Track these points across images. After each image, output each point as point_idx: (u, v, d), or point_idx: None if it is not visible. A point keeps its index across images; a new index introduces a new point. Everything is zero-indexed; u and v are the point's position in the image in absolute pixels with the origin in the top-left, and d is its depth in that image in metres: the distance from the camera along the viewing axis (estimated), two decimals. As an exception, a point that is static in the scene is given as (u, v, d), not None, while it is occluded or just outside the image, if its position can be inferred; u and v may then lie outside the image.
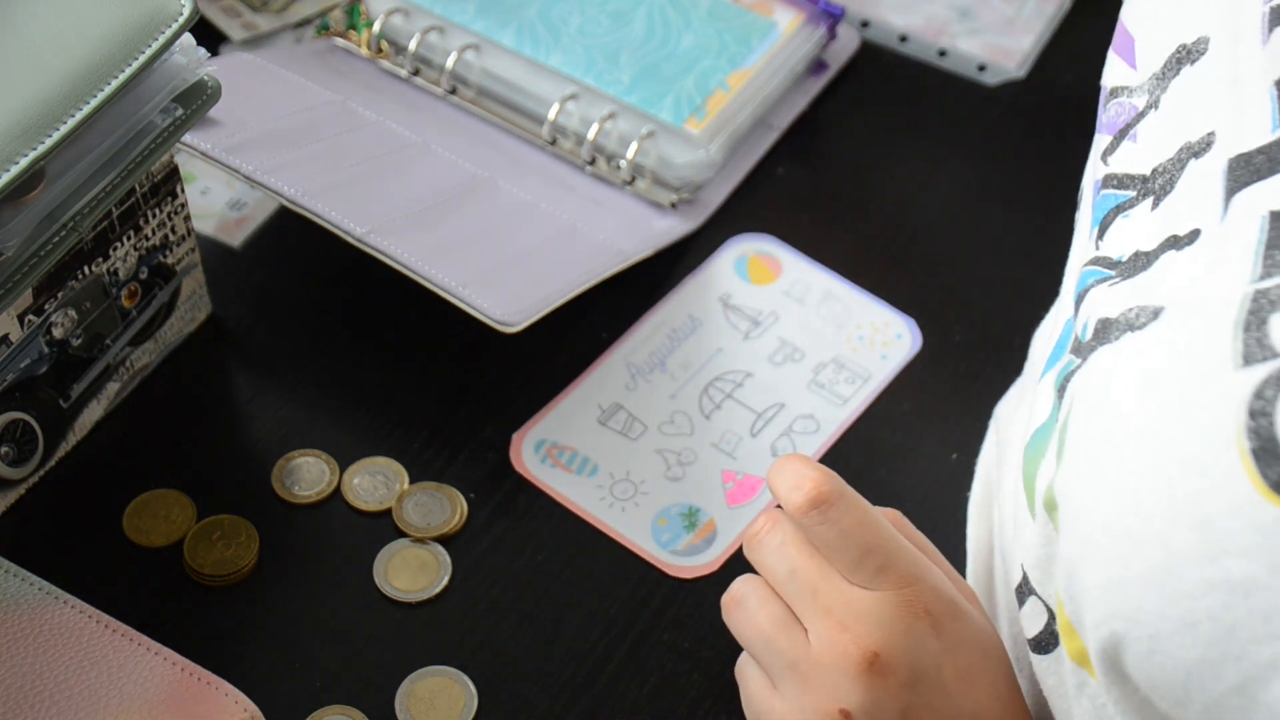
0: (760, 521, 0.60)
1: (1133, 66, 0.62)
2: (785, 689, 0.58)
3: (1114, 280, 0.56)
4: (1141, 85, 0.61)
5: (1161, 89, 0.60)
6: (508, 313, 0.68)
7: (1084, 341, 0.56)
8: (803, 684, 0.57)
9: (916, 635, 0.57)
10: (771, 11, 0.85)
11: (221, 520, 0.68)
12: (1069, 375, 0.56)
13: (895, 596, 0.57)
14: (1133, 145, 0.60)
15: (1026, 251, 0.80)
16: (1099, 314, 0.55)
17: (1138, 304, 0.53)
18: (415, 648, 0.65)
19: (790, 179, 0.83)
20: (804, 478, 0.59)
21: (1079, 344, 0.56)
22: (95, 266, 0.67)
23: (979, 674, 0.58)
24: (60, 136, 0.58)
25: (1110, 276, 0.57)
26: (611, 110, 0.80)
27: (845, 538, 0.58)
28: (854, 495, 0.59)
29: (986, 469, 0.71)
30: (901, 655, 0.56)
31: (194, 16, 0.62)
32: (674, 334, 0.76)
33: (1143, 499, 0.49)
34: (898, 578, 0.58)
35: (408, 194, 0.74)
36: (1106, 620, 0.51)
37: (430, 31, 0.83)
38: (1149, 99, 0.60)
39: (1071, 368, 0.56)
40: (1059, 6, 0.90)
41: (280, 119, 0.75)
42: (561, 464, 0.71)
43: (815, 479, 0.59)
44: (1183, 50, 0.59)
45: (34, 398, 0.67)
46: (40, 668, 0.58)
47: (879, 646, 0.56)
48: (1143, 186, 0.58)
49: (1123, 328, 0.53)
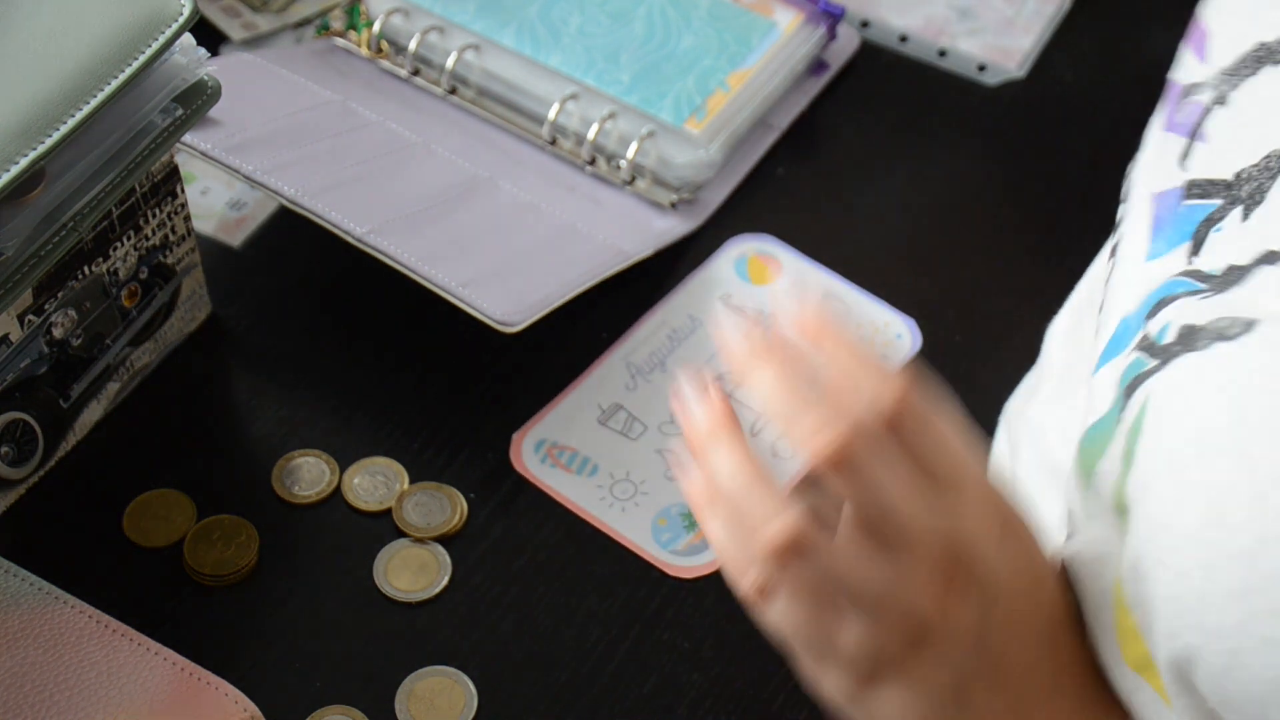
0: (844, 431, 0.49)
1: (1202, 60, 0.61)
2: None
3: (1205, 293, 0.55)
4: (1208, 80, 0.59)
5: (1232, 85, 0.58)
6: (508, 313, 0.68)
7: (1161, 344, 0.54)
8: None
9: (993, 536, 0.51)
10: (771, 11, 0.84)
11: (221, 520, 0.68)
12: (1140, 376, 0.54)
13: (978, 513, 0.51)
14: (1204, 146, 0.59)
15: (1026, 251, 0.80)
16: (1185, 320, 0.54)
17: (1228, 315, 0.52)
18: (415, 648, 0.65)
19: (790, 179, 0.83)
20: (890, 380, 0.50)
21: (1154, 345, 0.54)
22: (95, 266, 0.67)
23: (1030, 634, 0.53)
24: (60, 136, 0.58)
25: (1202, 289, 0.56)
26: (611, 110, 0.80)
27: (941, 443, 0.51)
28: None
29: (997, 465, 0.70)
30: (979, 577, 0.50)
31: (194, 16, 0.62)
32: (674, 334, 0.76)
33: (1231, 513, 0.49)
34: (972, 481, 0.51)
35: (408, 194, 0.74)
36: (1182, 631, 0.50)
37: (430, 31, 0.83)
38: (1215, 94, 0.59)
39: (1144, 368, 0.54)
40: (1059, 6, 0.90)
41: (280, 119, 0.75)
42: (562, 464, 0.71)
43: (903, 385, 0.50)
44: (1264, 49, 0.58)
45: (34, 398, 0.67)
46: (40, 668, 0.58)
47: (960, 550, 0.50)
48: (1227, 193, 0.57)
49: (1212, 336, 0.52)
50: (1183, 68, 0.62)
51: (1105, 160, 0.71)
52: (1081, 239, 0.72)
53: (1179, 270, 0.57)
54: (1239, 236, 0.55)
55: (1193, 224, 0.58)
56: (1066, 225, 0.76)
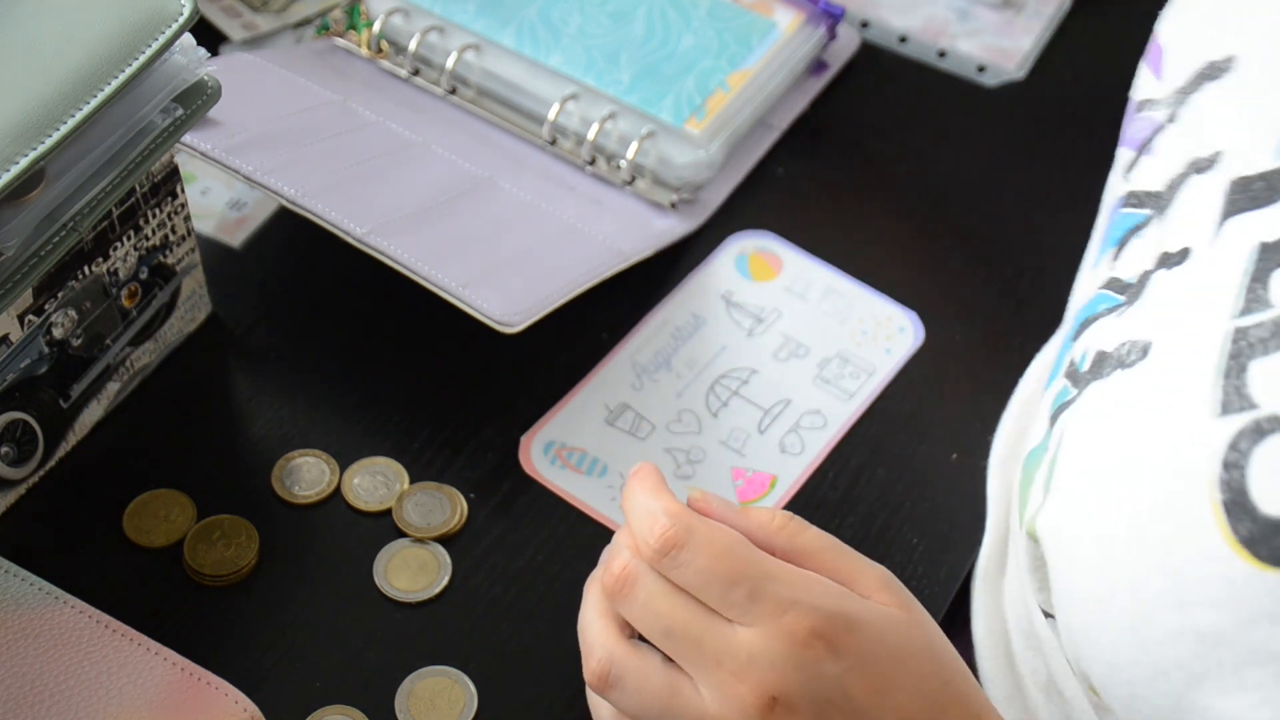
0: (616, 573, 0.56)
1: (1158, 78, 0.62)
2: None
3: (1120, 308, 0.56)
4: (1164, 98, 0.60)
5: (1181, 103, 0.59)
6: (508, 313, 0.68)
7: (1081, 371, 0.55)
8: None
9: (810, 665, 0.52)
10: (771, 11, 0.85)
11: (221, 520, 0.68)
12: (1062, 405, 0.55)
13: (777, 629, 0.53)
14: (1150, 160, 0.60)
15: (1026, 250, 0.80)
16: (1097, 345, 0.55)
17: (1130, 338, 0.53)
18: (415, 648, 0.65)
19: (790, 179, 0.83)
20: (653, 519, 0.55)
21: (1076, 372, 0.56)
22: (95, 266, 0.67)
23: (895, 680, 0.53)
24: (60, 136, 0.58)
25: (1119, 303, 0.56)
26: (611, 110, 0.80)
27: (705, 574, 0.54)
28: (705, 527, 0.55)
29: (1011, 428, 0.70)
30: (800, 690, 0.52)
31: (194, 17, 0.62)
32: (678, 333, 0.76)
33: (1118, 543, 0.49)
34: (774, 604, 0.53)
35: (408, 194, 0.74)
36: (1089, 662, 0.51)
37: (430, 31, 0.83)
38: (1169, 112, 0.60)
39: (1066, 397, 0.55)
40: (1059, 7, 0.90)
41: (280, 119, 0.75)
42: (571, 465, 0.71)
43: (662, 523, 0.55)
44: (1210, 67, 0.58)
45: (34, 398, 0.67)
46: (40, 668, 0.58)
47: (775, 689, 0.52)
48: (1156, 203, 0.58)
49: (1114, 364, 0.53)
50: (1140, 83, 0.62)
51: (1105, 161, 0.71)
52: (1082, 239, 0.72)
53: (1104, 279, 0.58)
54: (1152, 242, 0.56)
55: (1122, 231, 0.58)
56: (1064, 225, 0.76)
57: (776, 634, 0.52)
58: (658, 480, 0.57)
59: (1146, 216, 0.58)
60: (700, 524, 0.55)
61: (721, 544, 0.54)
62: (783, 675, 0.52)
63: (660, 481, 0.57)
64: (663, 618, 0.54)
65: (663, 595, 0.54)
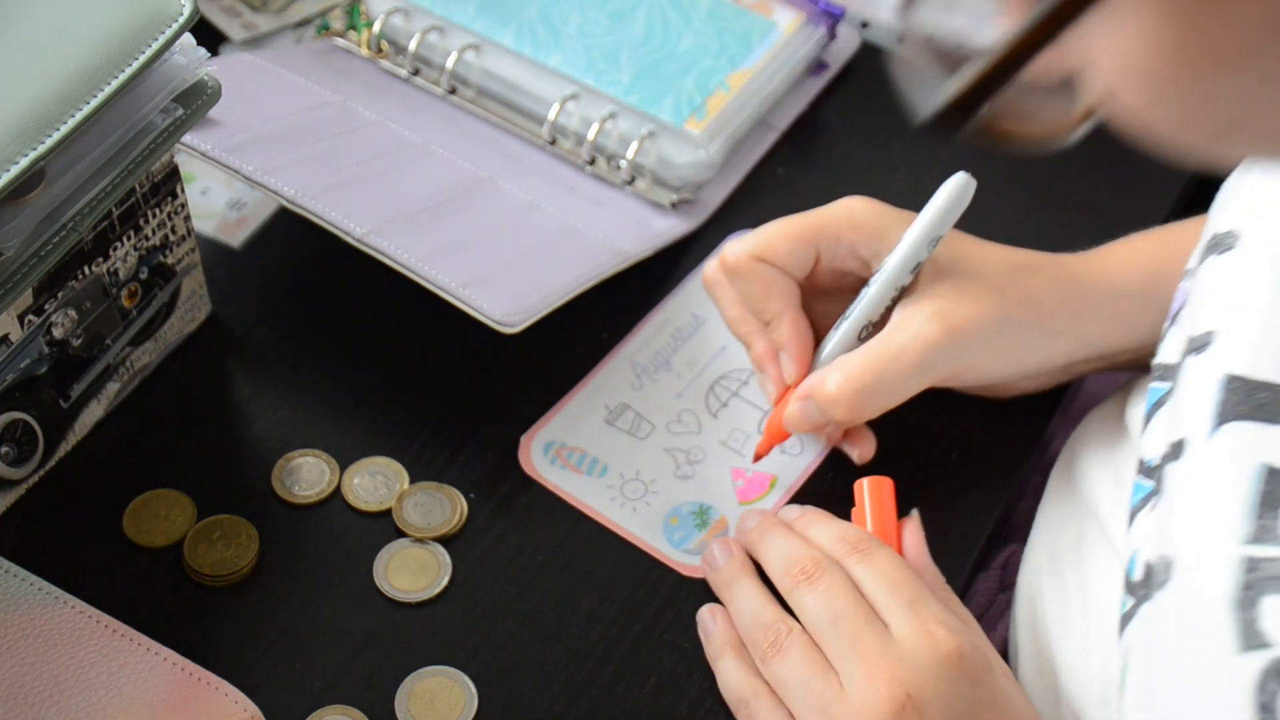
0: (806, 563, 0.61)
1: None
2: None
3: (1152, 501, 0.57)
4: (1192, 268, 0.61)
5: (1193, 275, 0.60)
6: (508, 313, 0.68)
7: (1134, 581, 0.57)
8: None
9: (949, 679, 0.57)
10: (771, 12, 0.85)
11: (221, 520, 0.68)
12: (1125, 616, 0.57)
13: (927, 638, 0.57)
14: (1174, 331, 0.61)
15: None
16: (1144, 553, 0.56)
17: (1160, 552, 0.54)
18: (415, 648, 0.65)
19: (790, 179, 0.83)
20: (848, 526, 0.63)
21: (1130, 581, 0.58)
22: (95, 266, 0.67)
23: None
24: (60, 136, 0.58)
25: (1150, 494, 0.58)
26: (611, 110, 0.80)
27: (880, 577, 0.60)
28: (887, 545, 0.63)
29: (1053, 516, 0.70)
30: (934, 697, 0.56)
31: (194, 16, 0.62)
32: (678, 333, 0.76)
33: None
34: (930, 616, 0.58)
35: (408, 194, 0.74)
36: None
37: (430, 31, 0.83)
38: (1190, 283, 0.60)
39: (1126, 609, 0.57)
40: (1059, 7, 0.90)
41: (280, 119, 0.75)
42: (571, 465, 0.71)
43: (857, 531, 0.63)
44: (1215, 239, 0.59)
45: (34, 398, 0.67)
46: (40, 668, 0.58)
47: (912, 688, 0.56)
48: (1172, 377, 0.59)
49: (1156, 582, 0.54)
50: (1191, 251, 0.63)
51: (1102, 163, 0.71)
52: (1080, 242, 0.72)
53: (1138, 458, 0.60)
54: (1166, 421, 0.57)
55: (1149, 406, 0.60)
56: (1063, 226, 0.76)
57: (925, 642, 0.57)
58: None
59: (1167, 390, 0.59)
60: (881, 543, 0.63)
61: (899, 558, 0.62)
62: (922, 679, 0.56)
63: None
64: (835, 604, 0.60)
65: (842, 587, 0.60)
